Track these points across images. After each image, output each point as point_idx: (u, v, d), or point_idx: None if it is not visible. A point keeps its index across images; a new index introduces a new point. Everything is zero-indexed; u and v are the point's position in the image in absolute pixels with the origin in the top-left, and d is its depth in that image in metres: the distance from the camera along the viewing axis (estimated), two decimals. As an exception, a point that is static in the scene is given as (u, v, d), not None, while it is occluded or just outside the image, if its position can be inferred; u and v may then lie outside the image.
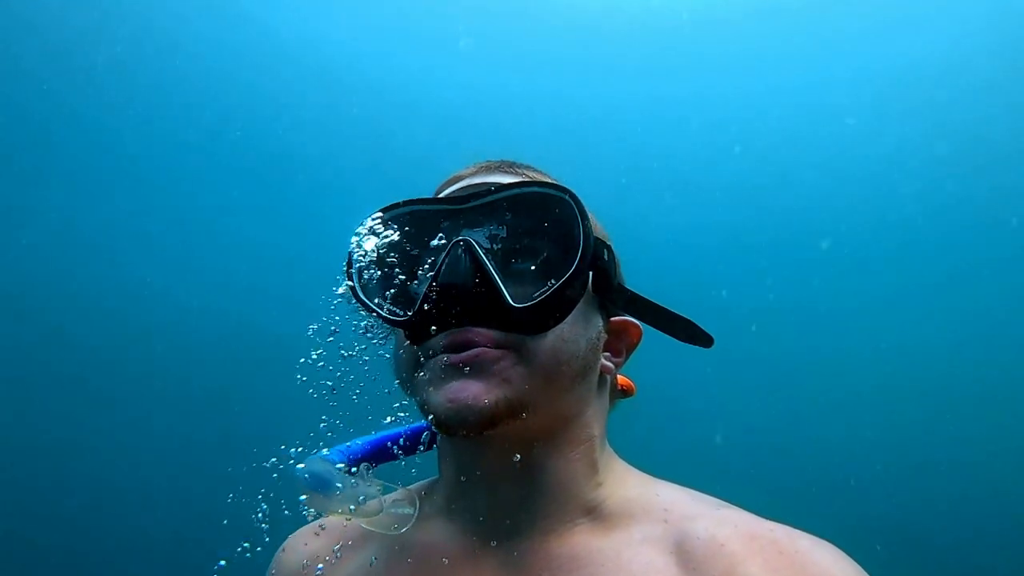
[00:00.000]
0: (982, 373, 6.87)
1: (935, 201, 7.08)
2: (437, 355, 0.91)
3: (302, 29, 6.98)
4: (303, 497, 0.93)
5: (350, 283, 0.97)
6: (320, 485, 0.92)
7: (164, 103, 6.79)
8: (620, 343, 1.07)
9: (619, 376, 1.16)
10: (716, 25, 6.85)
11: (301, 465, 0.96)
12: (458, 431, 0.90)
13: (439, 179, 1.10)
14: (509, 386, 0.90)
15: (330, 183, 7.15)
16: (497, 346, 0.90)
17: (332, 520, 1.08)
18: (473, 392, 0.88)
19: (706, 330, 1.02)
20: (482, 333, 0.90)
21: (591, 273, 0.98)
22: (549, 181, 0.99)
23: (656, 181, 7.41)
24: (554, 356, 0.92)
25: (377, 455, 1.07)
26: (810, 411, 7.09)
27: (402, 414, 1.06)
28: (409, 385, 0.98)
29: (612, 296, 1.01)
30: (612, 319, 1.05)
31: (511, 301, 0.89)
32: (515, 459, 0.96)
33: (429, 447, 1.10)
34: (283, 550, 1.17)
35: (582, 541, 0.94)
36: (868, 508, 6.58)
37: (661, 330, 1.03)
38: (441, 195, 1.05)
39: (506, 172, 1.05)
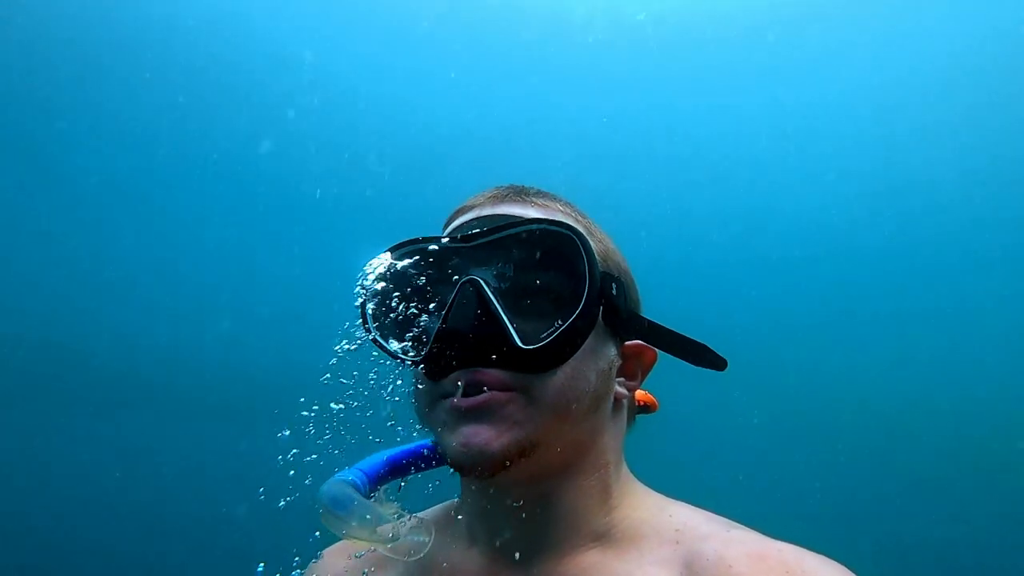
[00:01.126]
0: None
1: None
2: (448, 396, 0.93)
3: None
4: (321, 517, 0.94)
5: (364, 324, 0.99)
6: (338, 508, 0.94)
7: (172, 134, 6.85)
8: (635, 365, 1.07)
9: (640, 391, 1.16)
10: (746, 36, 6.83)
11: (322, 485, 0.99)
12: (472, 472, 0.92)
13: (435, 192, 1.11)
14: (520, 428, 0.91)
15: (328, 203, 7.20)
16: (506, 388, 0.91)
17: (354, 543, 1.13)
18: (485, 437, 0.90)
19: (720, 354, 1.02)
20: (491, 374, 0.91)
21: (600, 307, 0.98)
22: (554, 219, 0.98)
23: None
24: (563, 393, 0.93)
25: (398, 470, 1.09)
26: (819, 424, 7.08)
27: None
28: (425, 420, 1.00)
29: (623, 326, 1.01)
30: (626, 343, 1.05)
31: (519, 343, 0.90)
32: (530, 490, 0.98)
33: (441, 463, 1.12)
34: (317, 562, 1.20)
35: (595, 563, 0.96)
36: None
37: (674, 355, 1.03)
38: (451, 226, 1.05)
39: (516, 202, 1.03)
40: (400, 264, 0.98)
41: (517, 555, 0.99)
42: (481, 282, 0.92)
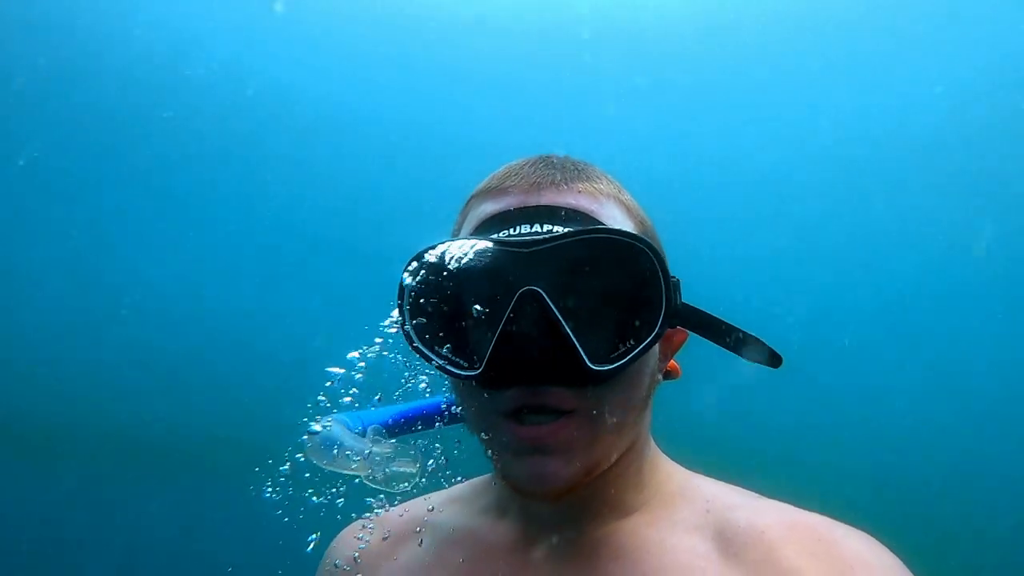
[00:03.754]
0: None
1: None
2: (507, 415, 0.87)
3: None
4: (308, 445, 0.92)
5: (403, 329, 0.90)
6: (323, 441, 0.91)
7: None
8: (667, 346, 1.02)
9: None
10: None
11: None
12: (537, 499, 0.91)
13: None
14: (585, 454, 0.88)
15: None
16: (569, 406, 0.86)
17: (382, 516, 1.11)
18: (553, 468, 0.87)
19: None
20: (555, 394, 0.86)
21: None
22: (628, 231, 0.90)
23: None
24: (623, 406, 0.90)
25: (399, 426, 1.07)
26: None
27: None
28: (478, 431, 0.94)
29: (678, 321, 0.93)
30: None
31: (589, 363, 0.84)
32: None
33: (451, 422, 1.09)
34: (335, 544, 1.17)
35: (629, 530, 0.95)
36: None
37: (727, 348, 0.95)
38: (483, 209, 0.95)
39: (560, 189, 0.93)
40: (443, 266, 0.89)
41: (550, 527, 0.98)
42: (544, 295, 0.83)
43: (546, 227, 0.88)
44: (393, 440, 0.96)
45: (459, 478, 1.13)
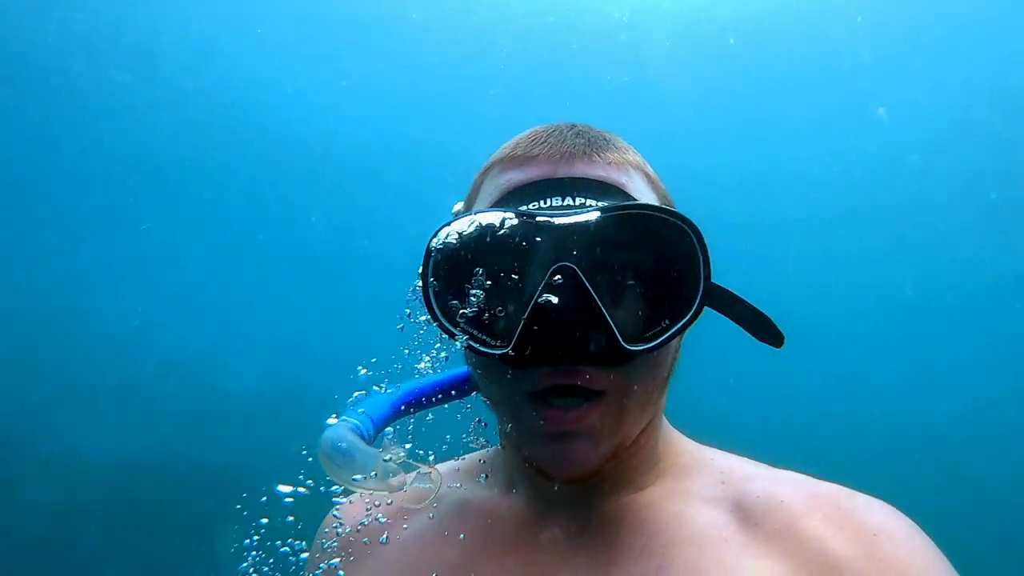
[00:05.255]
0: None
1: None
2: (535, 399, 0.85)
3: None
4: (323, 467, 0.91)
5: (427, 302, 0.87)
6: (340, 459, 0.89)
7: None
8: None
9: None
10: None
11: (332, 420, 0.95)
12: (565, 481, 0.89)
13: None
14: (613, 436, 0.88)
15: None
16: (599, 390, 0.84)
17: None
18: (580, 452, 0.86)
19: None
20: (585, 375, 0.83)
21: None
22: (669, 208, 0.86)
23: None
24: (648, 387, 0.90)
25: (406, 411, 1.06)
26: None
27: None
28: (501, 410, 0.93)
29: (712, 302, 0.91)
30: None
31: (623, 343, 0.82)
32: None
33: (462, 396, 1.08)
34: (333, 515, 1.16)
35: (644, 504, 0.95)
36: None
37: (738, 323, 0.94)
38: (508, 177, 0.90)
39: (590, 161, 0.89)
40: (470, 239, 0.85)
41: (563, 503, 0.96)
42: (579, 271, 0.80)
43: (578, 200, 0.85)
44: (404, 452, 0.95)
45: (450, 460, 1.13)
